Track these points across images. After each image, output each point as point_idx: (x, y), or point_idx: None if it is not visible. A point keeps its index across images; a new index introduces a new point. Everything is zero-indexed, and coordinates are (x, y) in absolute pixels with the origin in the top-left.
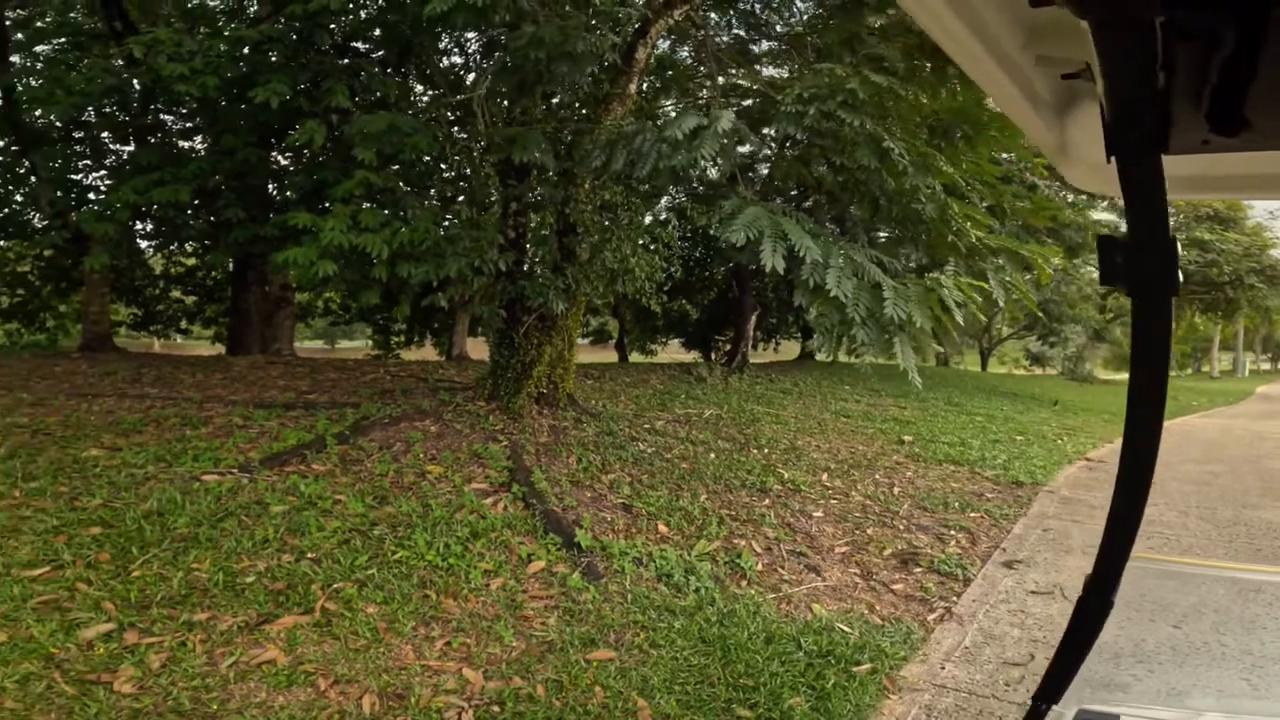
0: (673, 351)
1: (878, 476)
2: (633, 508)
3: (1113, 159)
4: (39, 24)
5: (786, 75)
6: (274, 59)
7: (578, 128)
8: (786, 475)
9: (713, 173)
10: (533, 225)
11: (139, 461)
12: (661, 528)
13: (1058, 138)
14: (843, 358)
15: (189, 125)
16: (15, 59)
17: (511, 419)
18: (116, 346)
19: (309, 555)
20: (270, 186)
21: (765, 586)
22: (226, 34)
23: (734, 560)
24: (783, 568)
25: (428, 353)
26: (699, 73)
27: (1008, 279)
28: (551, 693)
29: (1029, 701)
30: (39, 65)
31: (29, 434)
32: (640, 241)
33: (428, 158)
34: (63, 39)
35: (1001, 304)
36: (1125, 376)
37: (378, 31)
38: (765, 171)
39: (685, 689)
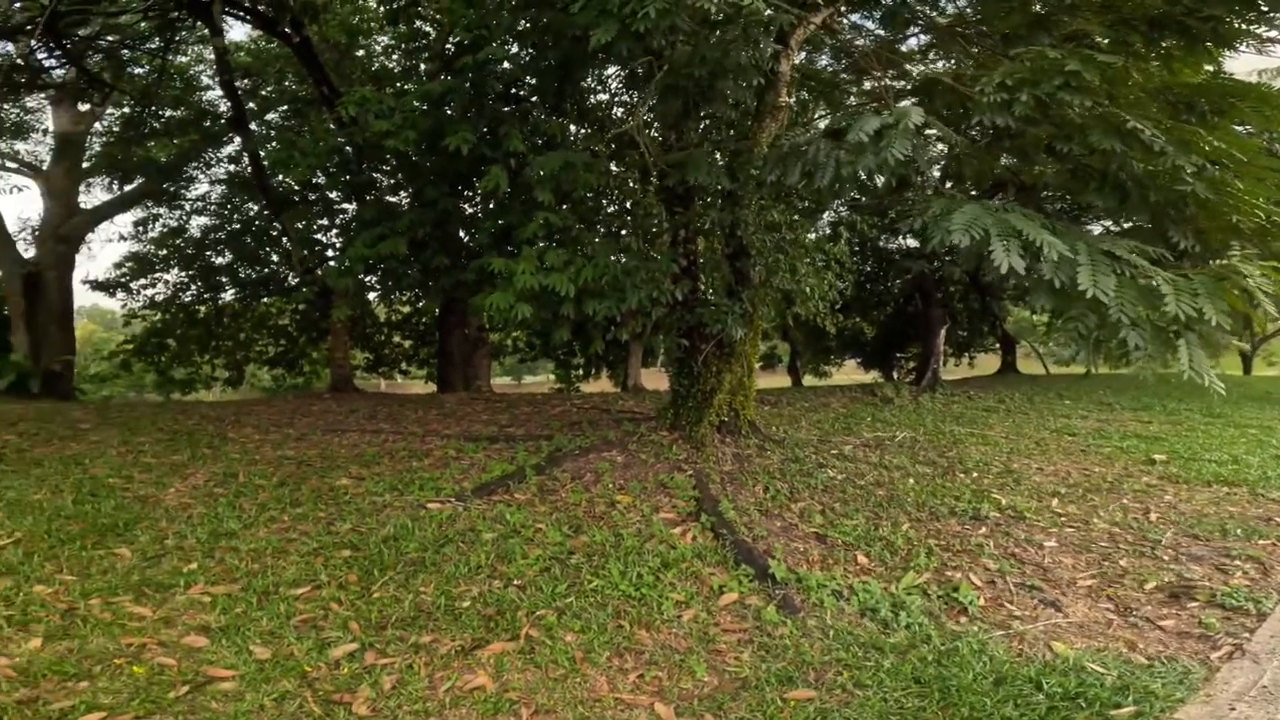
0: (848, 372)
1: (1125, 501)
2: (827, 537)
3: None
4: (263, 93)
5: (942, 68)
6: (451, 111)
7: (737, 146)
8: (1004, 501)
9: (879, 179)
10: (701, 251)
11: (378, 490)
12: (861, 558)
13: None
14: (1055, 369)
15: (392, 181)
16: (253, 127)
17: (694, 448)
18: (356, 387)
19: (515, 582)
20: (460, 233)
21: (990, 623)
22: (414, 89)
23: (949, 594)
24: (1011, 602)
25: (604, 384)
26: (842, 80)
27: None
28: None
29: None
30: (271, 132)
31: (295, 465)
32: (809, 260)
33: (592, 194)
34: (284, 106)
35: None
36: None
37: (530, 78)
38: (936, 173)
39: None
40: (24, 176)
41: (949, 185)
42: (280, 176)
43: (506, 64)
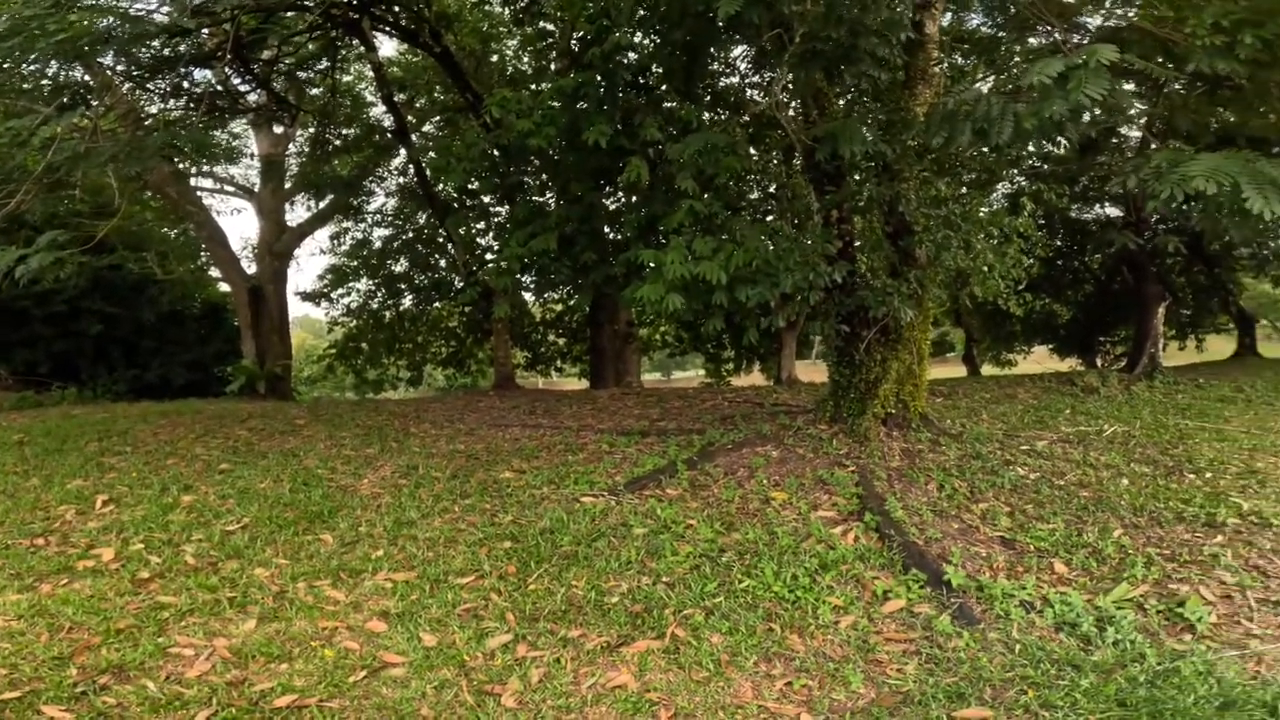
0: (1038, 360)
1: None
2: (1015, 542)
3: None
4: (417, 104)
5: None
6: (585, 105)
7: (889, 115)
8: (1245, 505)
9: (1065, 141)
10: (859, 231)
11: (537, 483)
12: (1059, 567)
13: None
14: None
15: (538, 181)
16: (414, 138)
17: (857, 442)
18: (517, 384)
19: (664, 579)
20: (606, 228)
21: (1223, 642)
22: (551, 87)
23: (1172, 609)
24: (1249, 619)
25: (755, 378)
26: (1003, 39)
27: None
28: None
29: None
30: (430, 142)
31: (465, 458)
32: (985, 236)
33: (735, 179)
34: (437, 116)
35: None
36: None
37: (657, 66)
38: (1134, 132)
39: None
40: (240, 199)
41: (1153, 147)
42: (441, 184)
43: (633, 53)
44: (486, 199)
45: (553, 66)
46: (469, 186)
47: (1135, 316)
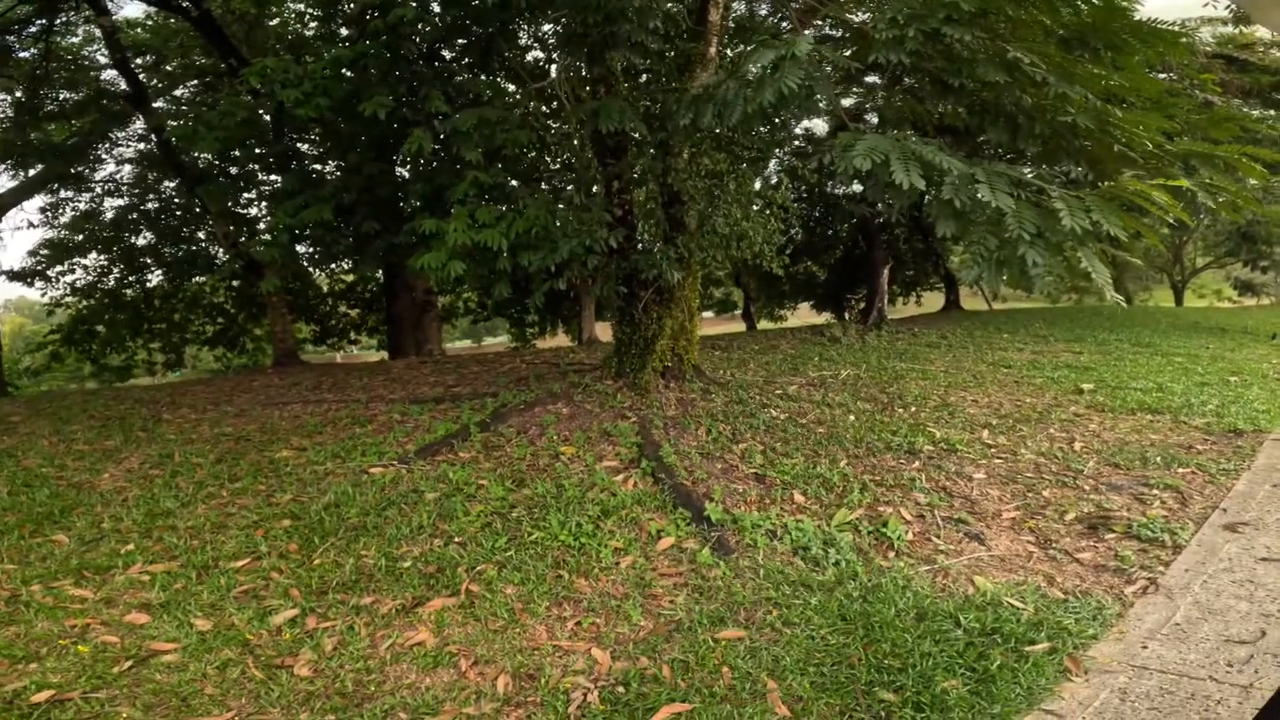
0: (803, 315)
1: (1052, 431)
2: (766, 477)
3: None
4: (168, 68)
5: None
6: (372, 75)
7: (663, 94)
8: (938, 434)
9: (820, 125)
10: (639, 200)
11: (320, 459)
12: (798, 497)
13: None
14: (996, 304)
15: (320, 150)
16: (160, 103)
17: (639, 395)
18: (302, 360)
19: (456, 539)
20: (397, 197)
21: (917, 558)
22: (325, 57)
23: (879, 529)
24: (937, 536)
25: (561, 340)
26: (783, 30)
27: (1208, 181)
28: (678, 673)
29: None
30: (183, 108)
31: (233, 441)
32: (754, 205)
33: (529, 151)
34: (194, 81)
35: (1213, 205)
36: None
37: (459, 39)
38: (876, 120)
39: (821, 670)
40: None
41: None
42: (195, 153)
43: (423, 25)
44: (256, 167)
45: (344, 31)
46: (233, 154)
47: (868, 277)
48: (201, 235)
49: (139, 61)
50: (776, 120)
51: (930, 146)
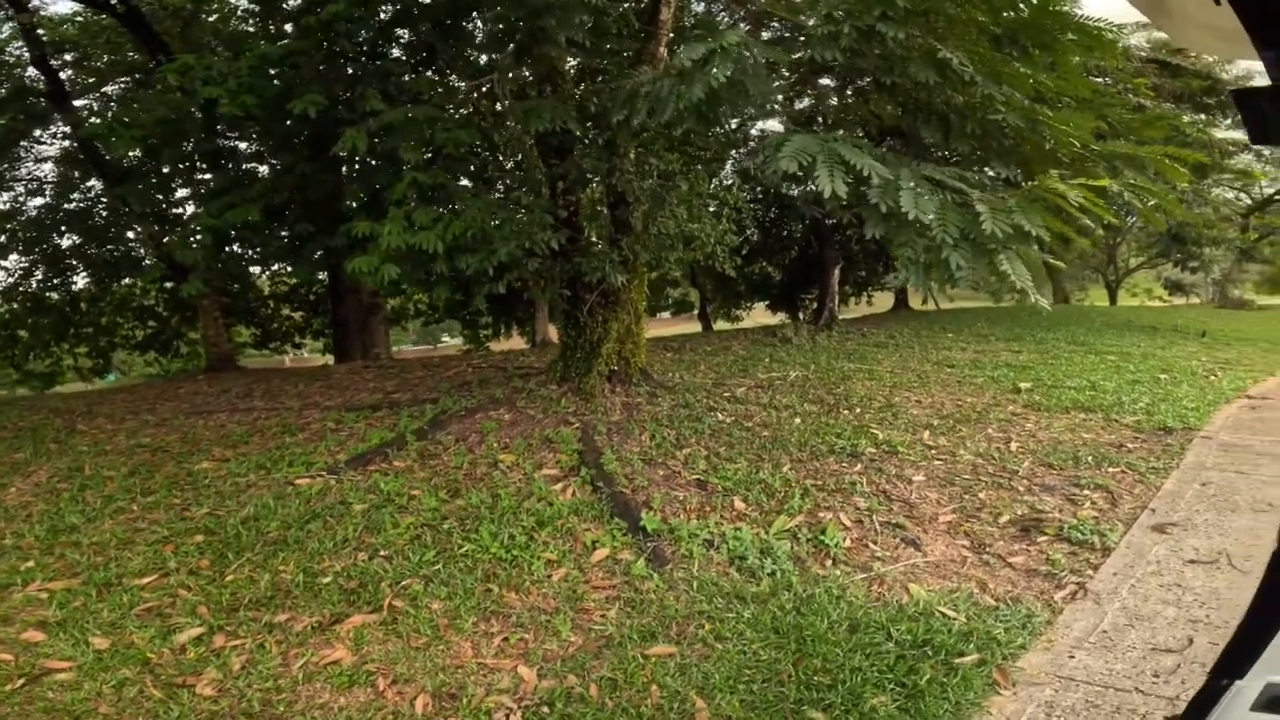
0: (758, 316)
1: (990, 431)
2: (708, 484)
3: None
4: (99, 64)
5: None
6: (304, 72)
7: (598, 93)
8: (881, 436)
9: (775, 126)
10: (586, 201)
11: (242, 471)
12: (738, 504)
13: None
14: (945, 303)
15: (258, 149)
16: (85, 101)
17: (584, 400)
18: (239, 366)
19: (383, 553)
20: (335, 198)
21: (854, 565)
22: (249, 53)
23: (818, 537)
24: (875, 543)
25: (516, 342)
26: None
27: (1133, 182)
28: (605, 692)
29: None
30: (114, 105)
31: (150, 452)
32: (709, 207)
33: (478, 151)
34: (125, 78)
35: (1140, 206)
36: None
37: (405, 35)
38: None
39: (750, 688)
40: None
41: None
42: (120, 151)
43: (360, 22)
44: (185, 166)
45: (289, 28)
46: (158, 153)
47: (819, 277)
48: (131, 235)
49: (66, 58)
50: (712, 118)
51: (858, 150)
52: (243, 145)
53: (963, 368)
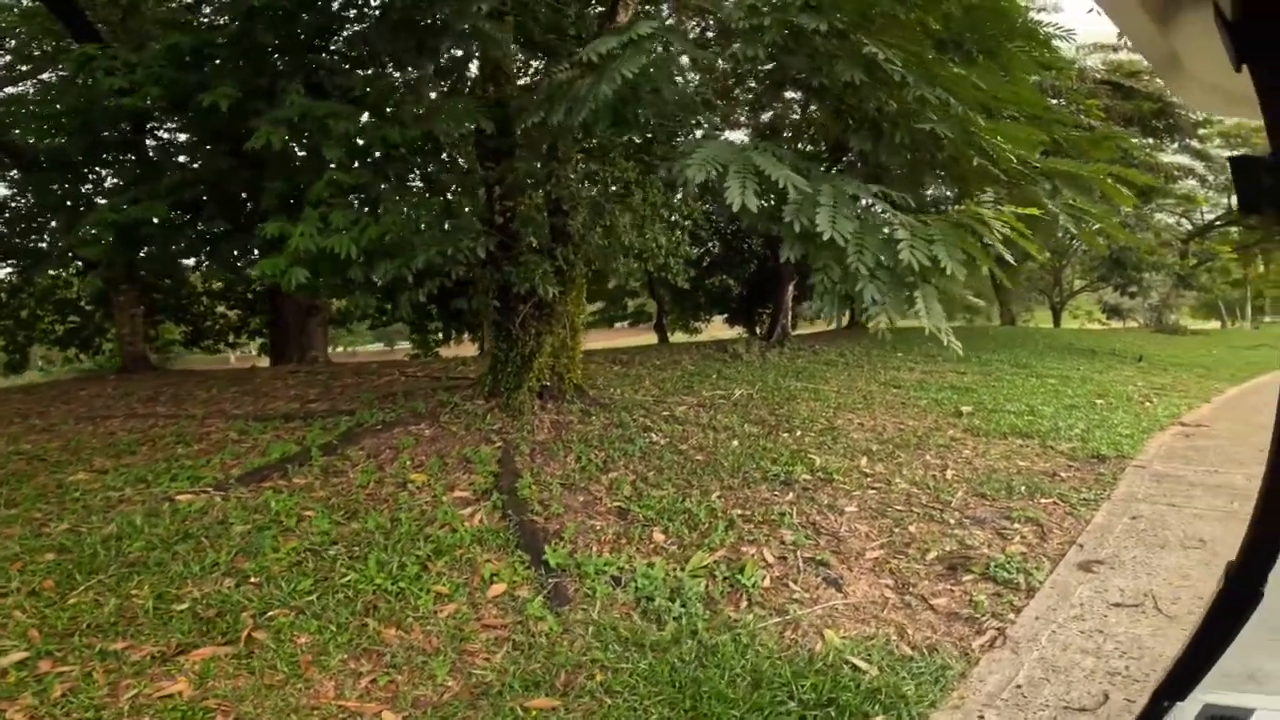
0: (716, 329)
1: (928, 457)
2: (629, 512)
3: (1243, 68)
4: (35, 53)
5: None
6: (221, 64)
7: (518, 93)
8: (818, 461)
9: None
10: (527, 207)
11: (118, 484)
12: (657, 536)
13: (1165, 48)
14: (901, 322)
15: (175, 143)
16: (19, 89)
17: (511, 416)
18: (153, 366)
19: (253, 579)
20: (252, 195)
21: (769, 608)
22: (159, 45)
23: (735, 575)
24: (795, 582)
25: (466, 349)
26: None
27: (1071, 202)
28: None
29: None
30: (52, 94)
31: (26, 460)
32: (671, 217)
33: (399, 150)
34: (61, 67)
35: (1075, 230)
36: (1217, 326)
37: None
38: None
39: None
40: None
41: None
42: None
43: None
44: (90, 157)
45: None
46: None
47: (774, 291)
48: (54, 225)
49: None
50: (630, 119)
51: (777, 160)
52: (163, 138)
53: (908, 389)
